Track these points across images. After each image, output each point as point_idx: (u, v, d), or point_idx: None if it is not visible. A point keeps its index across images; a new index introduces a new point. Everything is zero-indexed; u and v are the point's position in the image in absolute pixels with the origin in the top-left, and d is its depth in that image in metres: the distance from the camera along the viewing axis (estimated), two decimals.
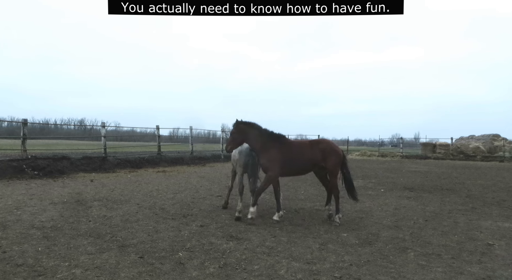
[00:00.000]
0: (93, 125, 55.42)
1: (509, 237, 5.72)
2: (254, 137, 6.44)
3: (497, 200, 9.53)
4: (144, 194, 9.19)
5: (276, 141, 6.57)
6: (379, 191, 10.92)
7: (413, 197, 9.72)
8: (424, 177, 15.81)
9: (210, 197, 9.00)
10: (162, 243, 5.00)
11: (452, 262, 4.47)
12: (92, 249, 4.67)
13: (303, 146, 6.77)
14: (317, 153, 6.48)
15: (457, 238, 5.61)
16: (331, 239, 5.41)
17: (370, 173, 16.92)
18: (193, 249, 4.77)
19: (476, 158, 31.66)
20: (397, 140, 47.14)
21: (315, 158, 6.48)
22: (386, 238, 5.54)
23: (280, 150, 6.44)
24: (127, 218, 6.44)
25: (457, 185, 12.77)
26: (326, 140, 7.17)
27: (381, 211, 7.67)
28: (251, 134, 6.46)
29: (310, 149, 6.55)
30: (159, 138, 19.61)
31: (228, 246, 4.91)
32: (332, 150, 6.60)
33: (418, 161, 29.23)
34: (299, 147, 6.76)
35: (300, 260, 4.42)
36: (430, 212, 7.69)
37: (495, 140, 35.72)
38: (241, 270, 4.07)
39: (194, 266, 4.15)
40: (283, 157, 6.42)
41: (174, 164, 18.37)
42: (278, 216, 6.49)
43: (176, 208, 7.47)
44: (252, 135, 6.44)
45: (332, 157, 6.50)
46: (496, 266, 4.34)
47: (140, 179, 12.37)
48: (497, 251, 4.96)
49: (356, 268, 4.20)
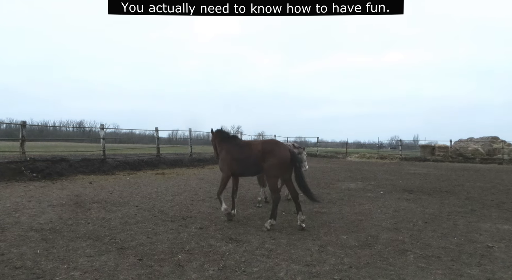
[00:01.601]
0: (92, 127, 55.35)
1: (509, 239, 5.72)
2: (216, 142, 7.08)
3: (496, 202, 9.54)
4: (143, 196, 9.18)
5: (227, 142, 6.85)
6: (378, 193, 10.92)
7: (413, 199, 9.71)
8: (423, 179, 15.82)
9: (209, 199, 8.98)
10: (161, 245, 4.99)
11: (451, 264, 4.46)
12: (91, 252, 4.65)
13: (249, 147, 6.63)
14: (258, 153, 6.29)
15: (457, 240, 5.61)
16: (331, 241, 5.40)
17: (369, 175, 16.92)
18: (192, 251, 4.76)
19: (475, 160, 31.70)
20: (396, 142, 47.21)
21: (256, 158, 6.30)
22: (386, 240, 5.53)
23: (228, 151, 6.68)
24: (126, 220, 6.43)
25: (456, 187, 12.78)
26: (271, 140, 6.99)
27: (381, 213, 7.66)
28: (216, 139, 7.09)
29: (254, 149, 6.40)
30: (158, 140, 19.60)
31: (228, 248, 4.90)
32: (271, 151, 6.22)
33: (417, 163, 29.25)
34: (245, 148, 6.66)
35: (299, 262, 4.40)
36: (429, 214, 7.69)
37: (493, 142, 35.77)
38: (241, 272, 4.05)
39: (193, 268, 4.14)
40: (232, 157, 6.59)
41: (173, 166, 18.36)
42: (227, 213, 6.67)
43: (175, 210, 7.45)
44: (216, 140, 7.09)
45: (270, 158, 6.14)
46: (495, 268, 4.34)
47: (139, 181, 12.36)
48: (496, 253, 4.96)
49: (356, 270, 4.19)
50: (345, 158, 34.68)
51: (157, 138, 19.58)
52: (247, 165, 6.49)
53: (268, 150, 6.25)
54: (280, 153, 6.20)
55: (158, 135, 19.65)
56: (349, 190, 11.44)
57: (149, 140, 43.22)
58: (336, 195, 10.32)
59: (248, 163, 6.43)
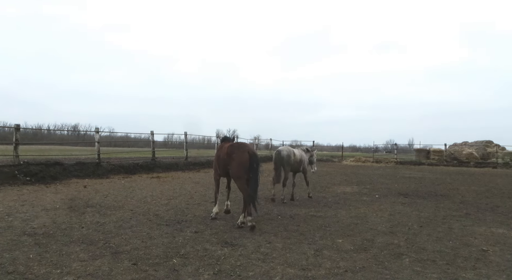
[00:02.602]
0: (87, 131, 54.94)
1: (503, 243, 5.74)
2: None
3: (490, 206, 9.59)
4: (138, 200, 9.12)
5: (220, 144, 7.29)
6: (374, 196, 10.93)
7: (408, 203, 9.74)
8: (419, 183, 15.87)
9: (205, 203, 8.94)
10: (156, 249, 4.95)
11: (447, 268, 4.47)
12: (84, 256, 4.60)
13: (222, 149, 6.90)
14: (225, 156, 6.63)
15: (452, 244, 5.62)
16: (326, 245, 5.39)
17: (365, 179, 16.96)
18: (188, 255, 4.73)
19: (470, 164, 31.89)
20: (392, 146, 47.38)
21: (224, 160, 6.67)
22: (381, 244, 5.53)
23: (216, 153, 7.19)
24: (121, 224, 6.38)
25: (451, 191, 12.83)
26: (236, 143, 7.10)
27: (376, 217, 7.66)
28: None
29: (223, 152, 6.76)
30: (153, 144, 19.53)
31: (223, 252, 4.87)
32: (232, 153, 6.48)
33: (412, 167, 29.37)
34: (220, 150, 6.98)
35: (295, 267, 4.39)
36: (424, 218, 7.71)
37: (488, 146, 36.05)
38: (236, 276, 4.03)
39: (188, 272, 4.11)
40: (216, 159, 7.14)
41: (169, 169, 18.28)
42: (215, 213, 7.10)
43: (170, 214, 7.41)
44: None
45: (233, 160, 6.42)
46: (490, 272, 4.35)
47: (134, 184, 12.28)
48: (491, 257, 4.97)
49: (352, 274, 4.18)
50: (340, 162, 34.74)
51: (152, 141, 19.50)
52: (222, 166, 6.80)
53: (230, 152, 6.52)
54: (239, 155, 6.43)
55: (153, 139, 19.58)
56: (344, 194, 11.45)
57: (144, 143, 43.07)
58: (331, 198, 10.32)
59: (222, 165, 6.76)
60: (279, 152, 9.57)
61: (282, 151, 9.59)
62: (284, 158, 9.41)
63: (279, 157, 9.46)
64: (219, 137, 32.42)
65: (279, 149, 9.73)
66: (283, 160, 9.41)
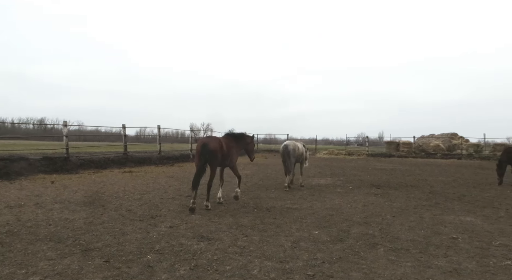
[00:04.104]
0: (54, 124, 52.75)
1: (471, 230, 5.96)
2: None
3: (457, 195, 9.96)
4: (109, 195, 8.82)
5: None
6: (347, 188, 11.11)
7: (380, 194, 9.96)
8: (390, 174, 16.30)
9: (179, 197, 8.77)
10: (129, 245, 4.78)
11: (420, 256, 4.57)
12: (52, 255, 4.37)
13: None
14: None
15: (424, 232, 5.77)
16: (303, 237, 5.40)
17: (338, 171, 17.24)
18: (162, 251, 4.59)
19: (436, 156, 33.15)
20: (363, 138, 48.48)
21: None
22: (357, 234, 5.60)
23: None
24: (91, 221, 6.13)
25: (421, 182, 13.26)
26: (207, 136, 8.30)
27: (351, 208, 7.78)
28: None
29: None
30: (125, 138, 18.97)
31: (199, 247, 4.77)
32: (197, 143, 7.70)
33: (383, 159, 30.17)
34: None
35: (273, 259, 4.35)
36: (397, 208, 7.90)
37: (453, 138, 37.56)
38: (213, 271, 3.95)
39: (163, 268, 3.99)
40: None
41: (141, 164, 17.86)
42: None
43: (143, 209, 7.21)
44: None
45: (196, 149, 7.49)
46: (461, 259, 4.49)
47: (105, 179, 11.89)
48: (461, 244, 5.14)
49: (329, 265, 4.20)
50: (314, 155, 35.18)
51: (124, 135, 18.94)
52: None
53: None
54: (197, 145, 7.58)
55: (125, 133, 19.01)
56: (319, 186, 11.57)
57: (116, 137, 41.88)
58: (307, 191, 10.40)
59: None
60: (286, 146, 10.57)
61: (288, 145, 10.58)
62: (291, 151, 10.45)
63: (286, 151, 10.47)
64: (193, 131, 31.99)
65: (286, 143, 10.72)
66: (290, 153, 10.44)
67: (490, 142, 36.93)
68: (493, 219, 6.87)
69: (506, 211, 7.76)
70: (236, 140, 8.43)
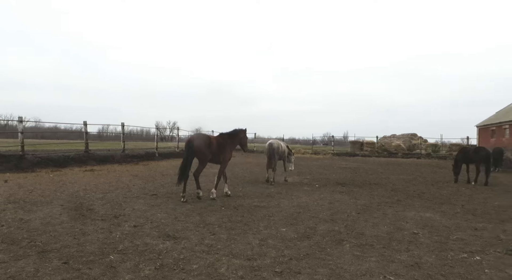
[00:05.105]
0: (8, 120, 49.66)
1: (431, 225, 6.22)
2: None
3: (417, 192, 10.40)
4: (69, 194, 8.41)
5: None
6: (314, 186, 11.28)
7: (345, 192, 10.19)
8: (354, 172, 16.75)
9: (144, 196, 8.52)
10: (90, 246, 4.56)
11: (383, 251, 4.70)
12: (4, 257, 4.08)
13: None
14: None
15: (387, 228, 5.95)
16: (271, 234, 5.39)
17: (305, 170, 17.48)
18: (126, 251, 4.42)
19: (398, 155, 34.49)
20: (329, 138, 49.56)
21: None
22: (323, 231, 5.68)
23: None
24: (49, 221, 5.80)
25: (383, 180, 13.73)
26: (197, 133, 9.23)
27: (317, 206, 7.89)
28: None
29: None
30: (86, 135, 18.21)
31: (165, 246, 4.64)
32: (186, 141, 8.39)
33: (347, 158, 30.98)
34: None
35: (240, 257, 4.31)
36: (361, 205, 8.10)
37: (413, 138, 39.28)
38: (179, 270, 3.84)
39: (127, 269, 3.83)
40: None
41: (104, 162, 17.21)
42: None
43: (106, 208, 6.92)
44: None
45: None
46: (422, 253, 4.66)
47: (64, 178, 11.34)
48: (421, 239, 5.34)
49: (296, 262, 4.21)
50: None
51: (85, 133, 18.17)
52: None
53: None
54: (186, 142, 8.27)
55: (86, 130, 18.25)
56: (286, 184, 11.67)
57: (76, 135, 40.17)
58: (274, 189, 10.44)
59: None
60: (271, 144, 11.72)
61: (273, 143, 11.73)
62: (275, 149, 11.58)
63: (271, 148, 11.59)
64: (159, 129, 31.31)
65: (271, 142, 11.86)
66: (274, 150, 11.56)
67: (446, 142, 39.00)
68: (450, 215, 7.21)
69: (462, 207, 8.18)
70: (230, 138, 9.09)
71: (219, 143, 8.53)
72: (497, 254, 4.65)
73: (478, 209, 7.91)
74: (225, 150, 8.66)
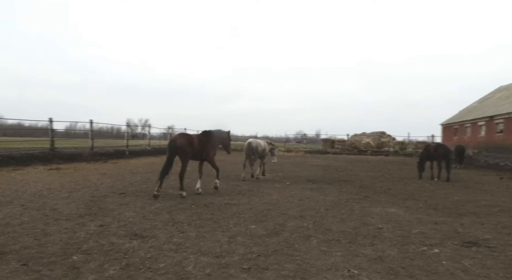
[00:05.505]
0: None
1: (395, 220, 6.45)
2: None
3: (384, 188, 10.75)
4: (31, 193, 8.08)
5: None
6: (285, 184, 11.41)
7: (315, 189, 10.38)
8: (325, 170, 17.08)
9: (112, 194, 8.32)
10: (52, 247, 4.41)
11: (349, 246, 4.83)
12: None
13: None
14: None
15: (353, 224, 6.12)
16: (240, 231, 5.42)
17: (277, 167, 17.60)
18: (91, 251, 4.31)
19: (367, 152, 35.45)
20: (301, 136, 50.20)
21: None
22: (292, 227, 5.76)
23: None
24: (8, 221, 5.55)
25: (352, 177, 14.09)
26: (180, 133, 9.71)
27: (287, 202, 7.99)
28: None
29: None
30: (52, 132, 17.52)
31: (131, 245, 4.56)
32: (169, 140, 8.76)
33: (319, 156, 31.53)
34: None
35: (208, 255, 4.31)
36: (330, 201, 8.28)
37: (382, 136, 40.47)
38: (146, 269, 3.79)
39: (90, 269, 3.74)
40: None
41: (71, 160, 16.64)
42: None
43: (71, 208, 6.71)
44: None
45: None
46: (385, 247, 4.83)
47: (27, 177, 10.88)
48: (385, 233, 5.53)
49: (264, 258, 4.26)
50: None
51: (51, 130, 17.48)
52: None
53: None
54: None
55: (52, 127, 17.56)
56: (258, 182, 11.73)
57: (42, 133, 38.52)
58: (245, 186, 10.48)
59: None
60: (250, 143, 12.27)
61: (252, 142, 12.27)
62: (254, 148, 12.09)
63: (250, 147, 12.12)
64: (130, 127, 30.61)
65: (250, 141, 12.42)
66: (253, 149, 12.07)
67: (413, 140, 40.37)
68: (413, 210, 7.51)
69: (424, 202, 8.53)
70: (213, 136, 9.34)
71: (201, 140, 8.87)
72: (454, 247, 4.90)
73: (439, 204, 8.28)
74: (208, 147, 8.95)
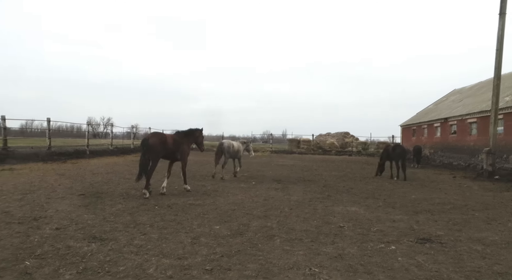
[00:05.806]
0: None
1: (355, 219, 6.66)
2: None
3: (346, 188, 11.06)
4: None
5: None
6: (250, 183, 11.46)
7: (280, 188, 10.50)
8: (290, 169, 17.32)
9: (71, 196, 7.99)
10: (2, 252, 4.16)
11: (311, 245, 4.94)
12: None
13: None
14: None
15: (316, 223, 6.26)
16: (204, 232, 5.38)
17: (243, 167, 17.62)
18: (45, 255, 4.12)
19: (332, 152, 36.33)
20: (268, 136, 50.61)
21: None
22: (256, 227, 5.80)
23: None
24: None
25: (316, 176, 14.39)
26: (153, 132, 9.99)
27: (252, 202, 8.03)
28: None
29: None
30: (5, 131, 16.54)
31: (90, 249, 4.40)
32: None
33: (285, 155, 31.91)
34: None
35: (171, 256, 4.25)
36: (294, 201, 8.41)
37: (346, 136, 41.67)
38: (104, 273, 3.68)
39: (44, 274, 3.57)
40: None
41: (26, 160, 15.80)
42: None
43: (24, 210, 6.37)
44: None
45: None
46: (345, 245, 4.98)
47: None
48: (346, 232, 5.70)
49: (227, 258, 4.26)
50: None
51: (3, 128, 16.50)
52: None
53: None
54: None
55: (5, 125, 16.58)
56: (223, 182, 11.70)
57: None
58: (211, 186, 10.42)
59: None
60: (222, 143, 13.03)
61: (224, 143, 13.00)
62: (225, 148, 12.67)
63: (221, 147, 12.75)
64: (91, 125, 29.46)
65: (222, 142, 13.19)
66: (224, 149, 12.67)
67: (375, 140, 41.86)
68: (373, 208, 7.79)
69: (384, 200, 8.87)
70: (186, 136, 9.47)
71: (175, 140, 8.96)
72: (410, 243, 5.14)
73: (397, 202, 8.65)
74: (182, 147, 9.08)
